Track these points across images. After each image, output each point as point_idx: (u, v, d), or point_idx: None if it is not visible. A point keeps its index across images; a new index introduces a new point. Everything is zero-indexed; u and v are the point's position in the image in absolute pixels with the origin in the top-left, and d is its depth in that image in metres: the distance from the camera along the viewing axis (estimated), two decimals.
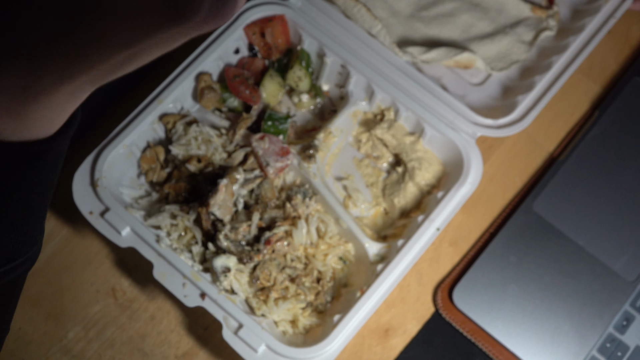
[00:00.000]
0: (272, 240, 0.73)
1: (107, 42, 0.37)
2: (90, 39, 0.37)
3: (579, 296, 0.79)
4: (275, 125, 0.82)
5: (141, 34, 0.37)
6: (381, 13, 0.88)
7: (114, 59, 0.39)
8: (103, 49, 0.38)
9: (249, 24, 0.82)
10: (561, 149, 0.88)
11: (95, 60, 0.38)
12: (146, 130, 0.78)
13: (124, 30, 0.37)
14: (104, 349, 0.78)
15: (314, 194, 0.77)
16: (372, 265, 0.74)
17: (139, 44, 0.38)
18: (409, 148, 0.82)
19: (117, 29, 0.37)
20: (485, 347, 0.78)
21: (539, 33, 0.88)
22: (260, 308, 0.73)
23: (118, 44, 0.38)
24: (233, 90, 0.81)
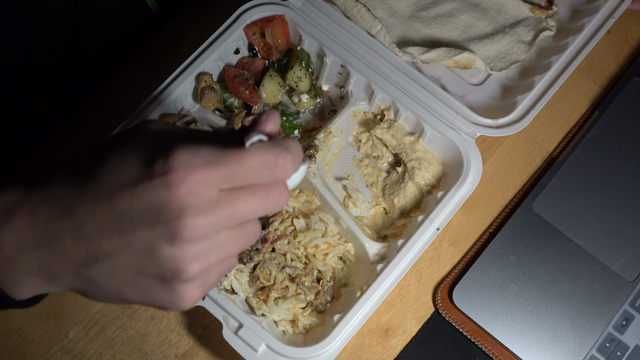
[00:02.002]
0: (269, 238, 0.74)
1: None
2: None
3: (579, 296, 0.79)
4: (289, 120, 0.82)
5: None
6: (381, 13, 0.88)
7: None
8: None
9: (249, 24, 0.82)
10: (561, 149, 0.88)
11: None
12: None
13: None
14: (105, 348, 0.78)
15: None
16: (372, 265, 0.74)
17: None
18: (408, 148, 0.82)
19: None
20: (485, 347, 0.78)
21: (538, 33, 0.88)
22: (260, 308, 0.73)
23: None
24: (233, 90, 0.81)
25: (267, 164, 0.43)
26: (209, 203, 0.41)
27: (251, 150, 0.43)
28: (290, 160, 0.44)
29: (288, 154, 0.44)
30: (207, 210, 0.41)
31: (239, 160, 0.42)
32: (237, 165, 0.42)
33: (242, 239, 0.45)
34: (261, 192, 0.44)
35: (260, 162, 0.43)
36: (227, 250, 0.44)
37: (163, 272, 0.42)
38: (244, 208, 0.43)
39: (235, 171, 0.42)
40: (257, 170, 0.43)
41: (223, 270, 0.46)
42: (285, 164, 0.43)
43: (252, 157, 0.42)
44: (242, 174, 0.42)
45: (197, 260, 0.42)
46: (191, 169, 0.41)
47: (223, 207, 0.42)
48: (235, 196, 0.42)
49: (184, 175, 0.40)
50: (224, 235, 0.43)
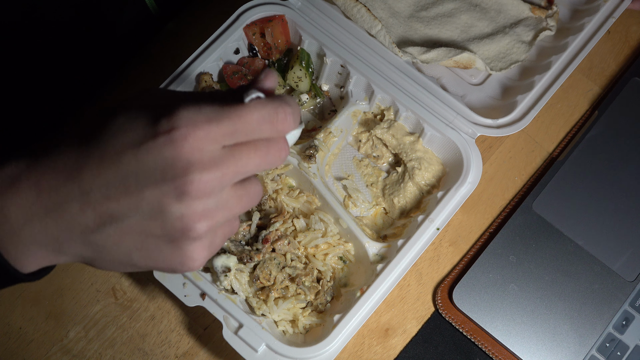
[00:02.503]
0: (270, 239, 0.74)
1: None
2: None
3: (579, 296, 0.79)
4: None
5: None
6: (381, 13, 0.88)
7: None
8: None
9: (249, 24, 0.82)
10: (561, 149, 0.88)
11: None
12: None
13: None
14: (105, 348, 0.78)
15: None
16: (372, 265, 0.74)
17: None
18: (408, 148, 0.82)
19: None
20: (485, 347, 0.78)
21: (538, 33, 0.88)
22: (260, 308, 0.73)
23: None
24: (233, 86, 0.81)
25: (267, 118, 0.44)
26: (213, 159, 0.42)
27: (251, 105, 0.43)
28: (290, 112, 0.45)
29: (287, 107, 0.45)
30: (212, 166, 0.42)
31: (240, 115, 0.43)
32: (238, 120, 0.42)
33: (246, 198, 0.46)
34: (262, 147, 0.44)
35: (260, 115, 0.43)
36: (232, 209, 0.45)
37: (171, 231, 0.43)
38: (247, 163, 0.44)
39: (237, 126, 0.43)
40: (258, 124, 0.43)
41: (228, 232, 0.47)
42: (285, 116, 0.44)
43: (252, 112, 0.43)
44: (243, 129, 0.43)
45: (204, 217, 0.43)
46: (194, 125, 0.41)
47: (227, 162, 0.43)
48: (238, 151, 0.43)
49: (188, 132, 0.41)
50: (228, 193, 0.44)
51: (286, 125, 0.45)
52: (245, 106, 0.43)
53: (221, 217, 0.44)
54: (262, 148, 0.44)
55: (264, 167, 0.45)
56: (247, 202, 0.46)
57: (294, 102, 0.46)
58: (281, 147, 0.46)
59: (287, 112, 0.44)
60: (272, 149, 0.45)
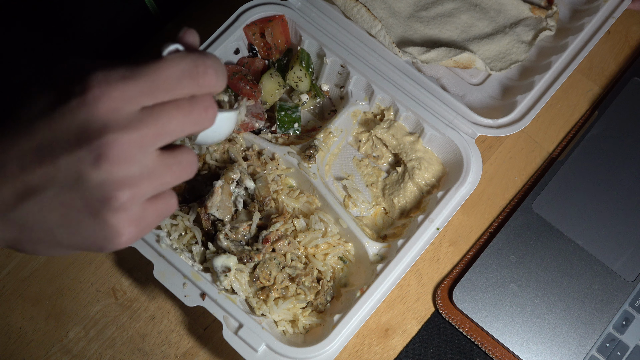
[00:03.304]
0: (270, 239, 0.74)
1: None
2: None
3: (579, 296, 0.79)
4: (288, 115, 0.82)
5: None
6: (381, 13, 0.88)
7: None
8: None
9: (249, 24, 0.82)
10: (561, 149, 0.88)
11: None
12: None
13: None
14: (105, 348, 0.78)
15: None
16: (372, 265, 0.74)
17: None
18: (408, 148, 0.82)
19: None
20: (485, 347, 0.78)
21: (538, 33, 0.88)
22: (261, 308, 0.73)
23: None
24: (233, 87, 0.81)
25: (186, 72, 0.40)
26: (131, 119, 0.39)
27: (168, 59, 0.40)
28: (211, 66, 0.41)
29: (207, 60, 0.41)
30: (129, 127, 0.39)
31: (157, 70, 0.40)
32: (155, 76, 0.40)
33: (177, 167, 0.42)
34: (185, 105, 0.41)
35: (179, 69, 0.40)
36: (160, 178, 0.41)
37: (92, 201, 0.40)
38: (168, 122, 0.40)
39: (154, 82, 0.40)
40: (177, 79, 0.40)
41: (162, 210, 0.43)
42: (206, 69, 0.41)
43: (170, 65, 0.40)
44: (162, 85, 0.40)
45: (126, 185, 0.39)
46: (107, 85, 0.38)
47: (146, 122, 0.39)
48: (157, 111, 0.40)
49: (101, 92, 0.38)
50: (153, 160, 0.41)
51: (208, 79, 0.41)
52: (162, 60, 0.40)
53: (147, 187, 0.41)
54: (184, 106, 0.41)
55: (190, 128, 0.42)
56: (179, 171, 0.42)
57: (215, 58, 0.42)
58: (207, 105, 0.42)
59: (207, 65, 0.41)
60: (197, 107, 0.41)
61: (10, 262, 0.81)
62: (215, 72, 0.42)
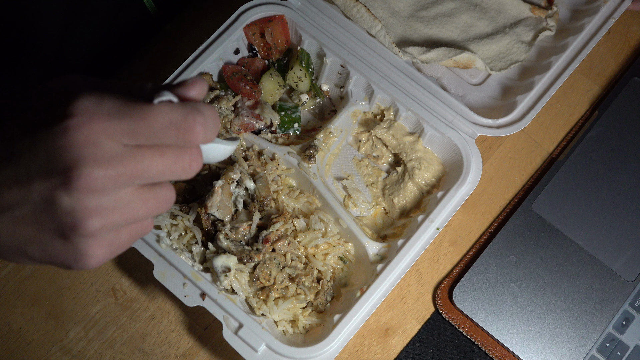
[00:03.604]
0: (270, 239, 0.74)
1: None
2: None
3: (579, 296, 0.79)
4: (288, 115, 0.83)
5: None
6: (381, 13, 0.88)
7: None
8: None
9: (249, 24, 0.82)
10: (561, 149, 0.88)
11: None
12: None
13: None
14: (105, 348, 0.78)
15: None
16: (372, 265, 0.74)
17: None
18: (408, 148, 0.82)
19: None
20: (485, 347, 0.78)
21: (538, 33, 0.88)
22: (261, 308, 0.73)
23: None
24: (233, 87, 0.81)
25: (173, 124, 0.40)
26: (109, 156, 0.39)
27: (157, 107, 0.40)
28: (202, 122, 0.41)
29: (199, 115, 0.41)
30: (106, 163, 0.39)
31: (143, 116, 0.40)
32: (140, 120, 0.39)
33: (153, 202, 0.42)
34: (170, 154, 0.41)
35: (165, 120, 0.40)
36: (134, 211, 0.42)
37: (62, 225, 0.40)
38: (148, 167, 0.40)
39: (137, 126, 0.39)
40: (162, 128, 0.40)
41: (135, 232, 0.44)
42: (195, 125, 0.41)
43: (158, 114, 0.40)
44: (145, 130, 0.40)
45: (97, 215, 0.40)
46: (90, 116, 0.38)
47: (125, 162, 0.40)
48: (140, 153, 0.40)
49: (83, 122, 0.38)
50: (129, 194, 0.41)
51: (194, 134, 0.41)
52: (151, 107, 0.40)
53: (119, 218, 0.41)
54: (169, 155, 0.41)
55: (170, 176, 0.42)
56: (154, 206, 0.42)
57: (209, 111, 0.42)
58: (192, 158, 0.42)
59: (197, 121, 0.41)
60: (181, 159, 0.41)
61: (10, 262, 0.81)
62: (204, 127, 0.41)
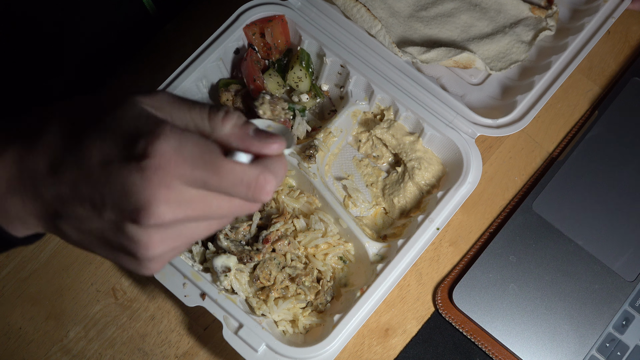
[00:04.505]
0: (270, 239, 0.74)
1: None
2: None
3: (579, 296, 0.79)
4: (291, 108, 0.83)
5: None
6: (381, 13, 0.88)
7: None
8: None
9: (249, 24, 0.82)
10: (561, 149, 0.88)
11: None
12: None
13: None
14: (105, 348, 0.78)
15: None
16: (372, 265, 0.74)
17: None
18: (408, 148, 0.82)
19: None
20: (485, 347, 0.78)
21: (538, 33, 0.88)
22: (261, 308, 0.73)
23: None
24: (249, 74, 0.81)
25: (245, 182, 0.43)
26: (180, 199, 0.41)
27: (232, 164, 0.43)
28: (272, 182, 0.44)
29: (270, 176, 0.44)
30: (176, 206, 0.41)
31: (217, 170, 0.42)
32: (214, 174, 0.42)
33: (215, 226, 0.46)
34: (238, 202, 0.44)
35: (237, 178, 0.43)
36: (195, 236, 0.45)
37: (127, 248, 0.43)
38: (216, 210, 0.43)
39: (211, 178, 0.42)
40: (234, 185, 0.43)
41: (190, 245, 0.48)
42: (265, 185, 0.43)
43: (231, 171, 0.42)
44: (217, 183, 0.42)
45: (161, 244, 0.43)
46: (168, 161, 0.41)
47: (194, 206, 0.42)
48: (210, 198, 0.43)
49: (160, 166, 0.40)
50: (194, 225, 0.44)
51: (264, 194, 0.44)
52: (226, 163, 0.42)
53: (181, 243, 0.44)
54: (237, 203, 0.44)
55: (232, 218, 0.45)
56: (216, 228, 0.46)
57: (280, 169, 0.44)
58: (253, 208, 0.45)
59: (267, 181, 0.43)
60: (246, 207, 0.45)
61: (10, 262, 0.81)
62: (274, 186, 0.44)
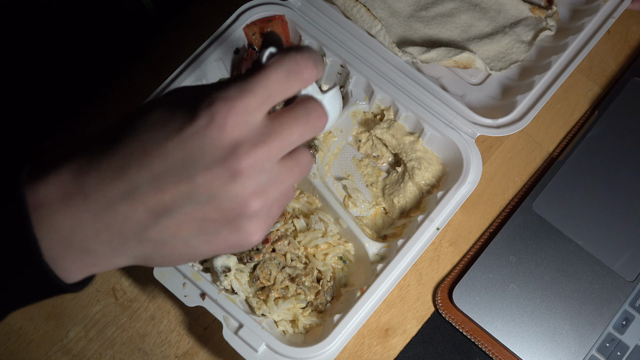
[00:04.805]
0: (270, 239, 0.74)
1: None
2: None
3: (579, 296, 0.79)
4: None
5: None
6: (381, 13, 0.88)
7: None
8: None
9: (249, 24, 0.82)
10: (561, 149, 0.88)
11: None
12: None
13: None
14: (105, 348, 0.78)
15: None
16: (372, 265, 0.74)
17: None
18: (408, 148, 0.82)
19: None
20: (485, 347, 0.78)
21: (538, 33, 0.88)
22: (261, 308, 0.73)
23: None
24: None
25: (291, 71, 0.43)
26: (257, 134, 0.42)
27: (270, 64, 0.43)
28: (310, 58, 0.44)
29: (304, 53, 0.44)
30: (258, 142, 0.42)
31: (266, 78, 0.42)
32: (266, 83, 0.42)
33: (297, 168, 0.45)
34: (302, 117, 0.44)
35: (284, 71, 0.43)
36: (285, 181, 0.45)
37: (227, 212, 0.43)
38: (290, 135, 0.44)
39: (267, 89, 0.42)
40: (285, 80, 0.43)
41: (283, 203, 0.47)
42: (307, 63, 0.44)
43: (275, 70, 0.43)
44: (275, 90, 0.43)
45: (258, 195, 0.43)
46: (230, 101, 0.41)
47: (272, 137, 0.42)
48: (279, 125, 0.43)
49: (227, 109, 0.41)
50: (278, 167, 0.44)
51: (309, 71, 0.44)
52: (266, 67, 0.43)
53: (275, 192, 0.44)
54: (302, 118, 0.44)
55: (308, 136, 0.45)
56: (299, 172, 0.46)
57: (309, 48, 0.45)
58: (320, 114, 0.46)
59: (306, 58, 0.44)
60: (312, 117, 0.45)
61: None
62: (314, 62, 0.44)
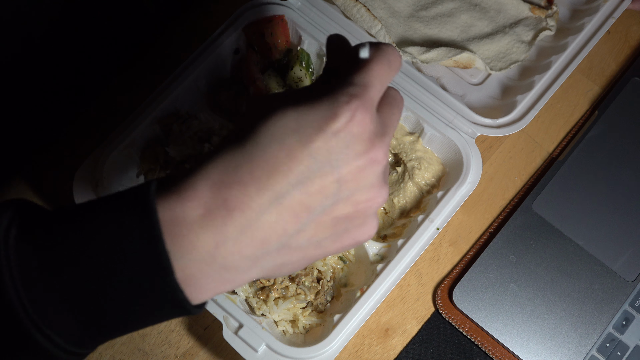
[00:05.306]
0: None
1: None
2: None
3: (579, 296, 0.79)
4: None
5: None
6: (381, 13, 0.88)
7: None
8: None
9: (249, 24, 0.82)
10: (561, 149, 0.88)
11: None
12: (146, 130, 0.78)
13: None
14: (104, 348, 0.78)
15: None
16: (372, 265, 0.74)
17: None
18: (408, 148, 0.82)
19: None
20: (485, 347, 0.78)
21: (538, 33, 0.88)
22: (260, 308, 0.73)
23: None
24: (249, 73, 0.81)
25: (390, 62, 0.46)
26: (379, 124, 0.44)
27: (374, 59, 0.45)
28: (394, 49, 0.47)
29: (388, 45, 0.47)
30: (383, 131, 0.44)
31: (378, 71, 0.45)
32: (380, 75, 0.45)
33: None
34: (398, 103, 0.48)
35: (387, 62, 0.46)
36: (387, 169, 0.47)
37: (359, 206, 0.43)
38: (396, 121, 0.47)
39: (382, 81, 0.45)
40: (389, 70, 0.46)
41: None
42: (395, 54, 0.47)
43: (381, 63, 0.45)
44: (385, 81, 0.45)
45: (385, 184, 0.45)
46: (362, 97, 0.42)
47: (388, 124, 0.45)
48: (389, 114, 0.46)
49: (363, 105, 0.42)
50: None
51: (400, 60, 0.47)
52: (372, 61, 0.45)
53: (386, 177, 0.46)
54: (398, 104, 0.48)
55: (398, 121, 0.49)
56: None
57: (378, 42, 0.48)
58: (401, 98, 0.49)
59: (392, 49, 0.47)
60: (400, 104, 0.48)
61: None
62: (398, 52, 0.48)
